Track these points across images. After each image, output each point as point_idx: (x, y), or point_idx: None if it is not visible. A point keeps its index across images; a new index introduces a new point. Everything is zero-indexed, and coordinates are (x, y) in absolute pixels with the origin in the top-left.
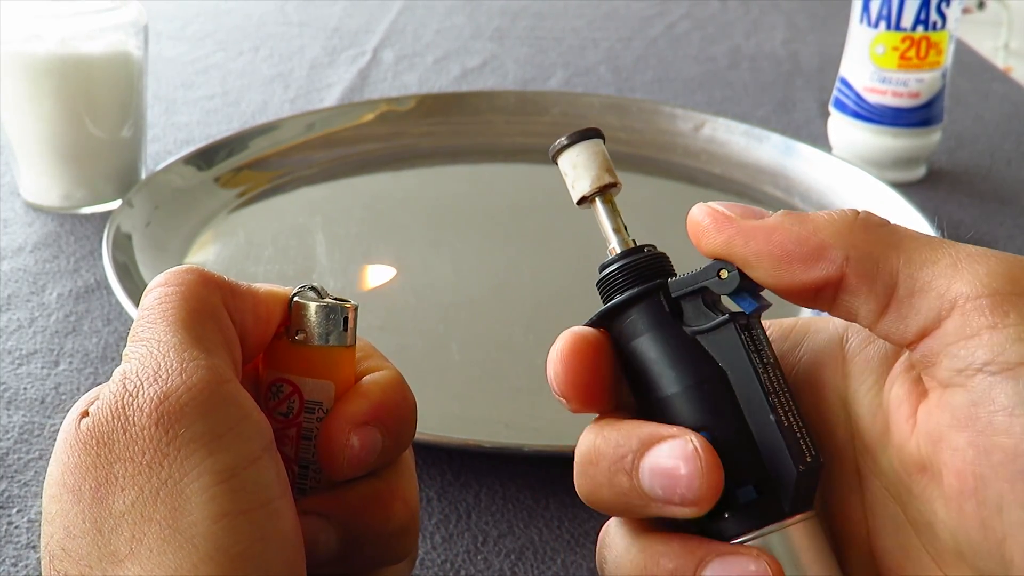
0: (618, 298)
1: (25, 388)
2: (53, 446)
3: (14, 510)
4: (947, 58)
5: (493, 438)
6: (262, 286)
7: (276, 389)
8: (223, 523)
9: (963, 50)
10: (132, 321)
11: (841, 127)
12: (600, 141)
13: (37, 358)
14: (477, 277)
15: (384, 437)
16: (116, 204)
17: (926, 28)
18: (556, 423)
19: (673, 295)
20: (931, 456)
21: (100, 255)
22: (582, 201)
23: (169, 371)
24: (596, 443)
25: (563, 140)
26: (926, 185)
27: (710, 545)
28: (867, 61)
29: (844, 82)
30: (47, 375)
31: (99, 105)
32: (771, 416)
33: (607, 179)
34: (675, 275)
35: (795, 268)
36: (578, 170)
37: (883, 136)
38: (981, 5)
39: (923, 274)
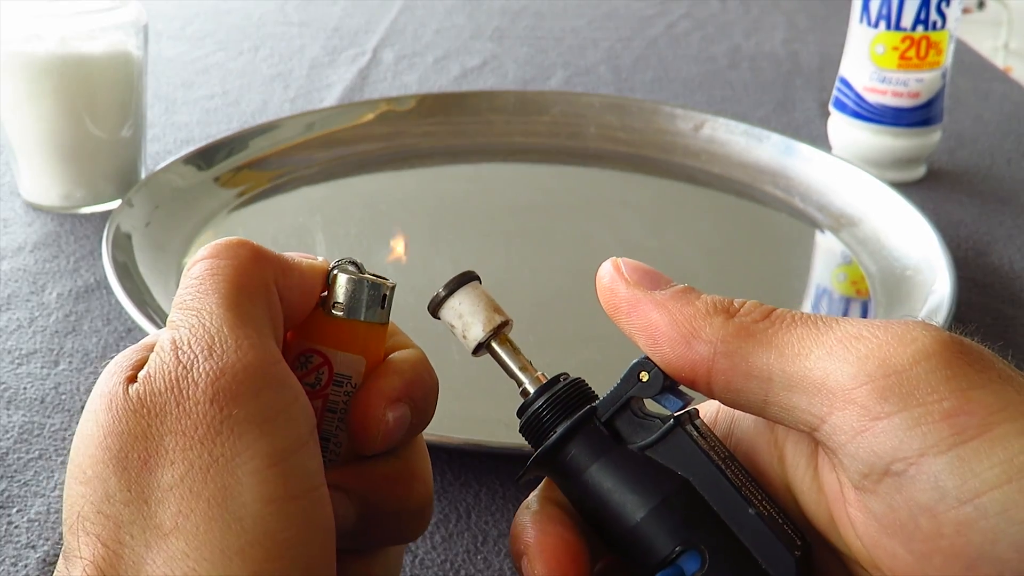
0: (553, 436)
1: (25, 388)
2: (53, 446)
3: (14, 510)
4: (947, 58)
5: (493, 438)
6: (302, 259)
7: (305, 359)
8: (273, 508)
9: (963, 50)
10: (132, 321)
11: (841, 127)
12: (478, 283)
13: (37, 358)
14: None
15: (412, 414)
16: (116, 204)
17: (926, 28)
18: None
19: (603, 419)
20: (875, 558)
21: (100, 255)
22: (479, 348)
23: (224, 347)
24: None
25: (440, 292)
26: (926, 185)
27: None
28: (867, 61)
29: (844, 82)
30: (47, 375)
31: (99, 105)
32: (750, 510)
33: (498, 319)
34: (597, 397)
35: (664, 350)
36: (465, 319)
37: (883, 136)
38: (981, 5)
39: (795, 369)
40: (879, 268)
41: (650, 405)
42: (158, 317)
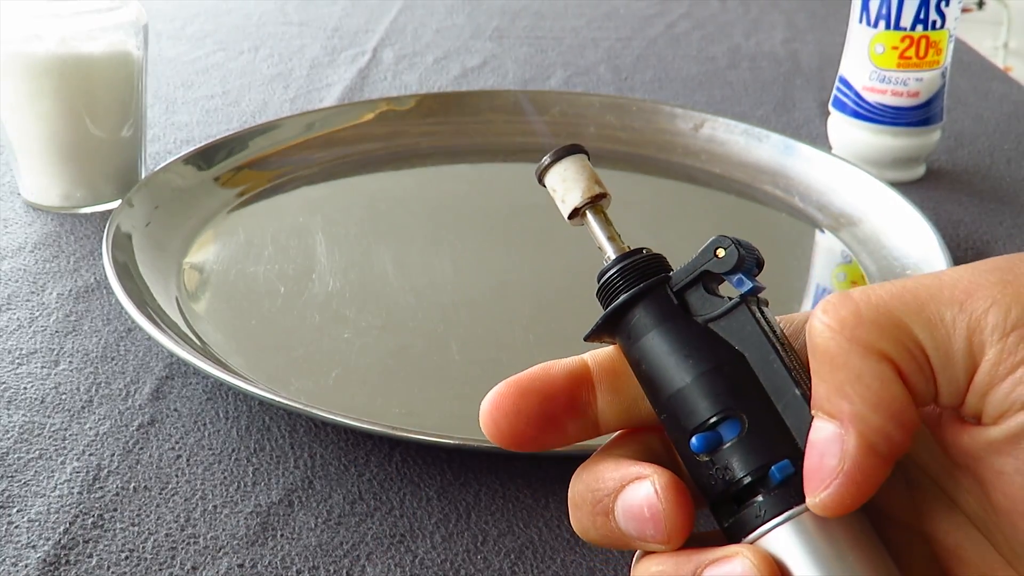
0: (622, 297)
1: (25, 388)
2: (53, 446)
3: (14, 510)
4: (946, 57)
5: None
6: None
7: None
8: None
9: (962, 49)
10: (132, 321)
11: (841, 126)
12: (585, 156)
13: (37, 358)
14: (477, 277)
15: None
16: (116, 204)
17: (925, 27)
18: None
19: (675, 288)
20: (973, 468)
21: (100, 255)
22: (574, 215)
23: None
24: (578, 487)
25: (547, 158)
26: (925, 184)
27: (701, 555)
28: (866, 60)
29: (844, 81)
30: (47, 375)
31: (99, 105)
32: (796, 391)
33: (597, 190)
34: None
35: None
36: (567, 184)
37: (882, 135)
38: (980, 4)
39: (940, 336)
40: (879, 268)
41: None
42: (158, 317)
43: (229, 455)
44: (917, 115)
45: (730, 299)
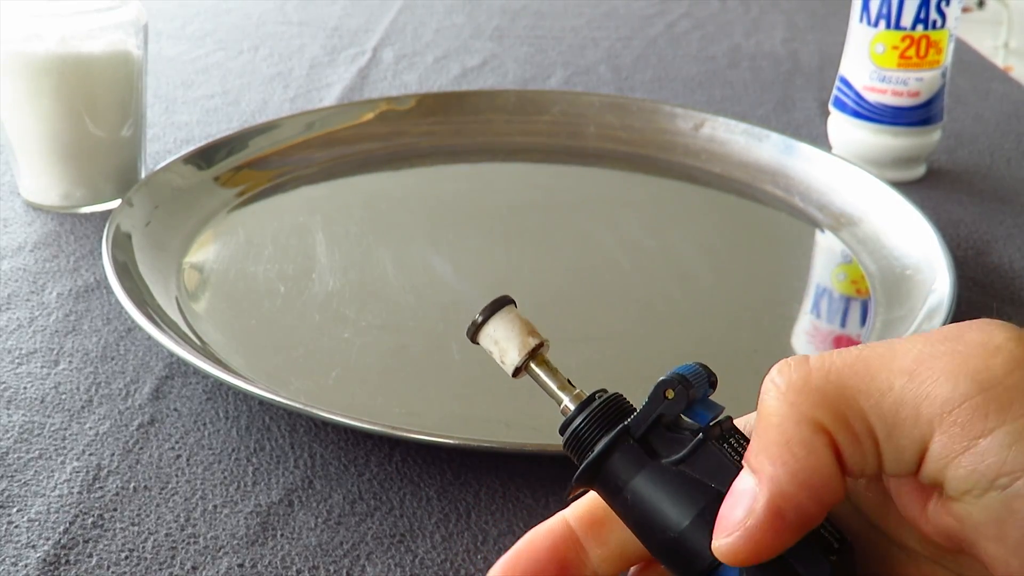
0: (589, 456)
1: (25, 387)
2: (53, 446)
3: (14, 509)
4: (947, 57)
5: (493, 438)
6: None
7: None
8: None
9: (963, 49)
10: (132, 320)
11: (841, 126)
12: (512, 307)
13: (37, 357)
14: (477, 277)
15: None
16: (116, 203)
17: (926, 27)
18: (556, 423)
19: (637, 435)
20: (966, 545)
21: (100, 254)
22: (517, 373)
23: None
24: None
25: (476, 318)
26: (926, 184)
27: None
28: (867, 60)
29: (844, 81)
30: (47, 374)
31: (99, 104)
32: None
33: (532, 342)
34: (634, 410)
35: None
36: (501, 344)
37: (883, 135)
38: (981, 4)
39: (887, 405)
40: (879, 267)
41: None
42: (158, 317)
43: (229, 455)
44: (917, 115)
45: (692, 434)
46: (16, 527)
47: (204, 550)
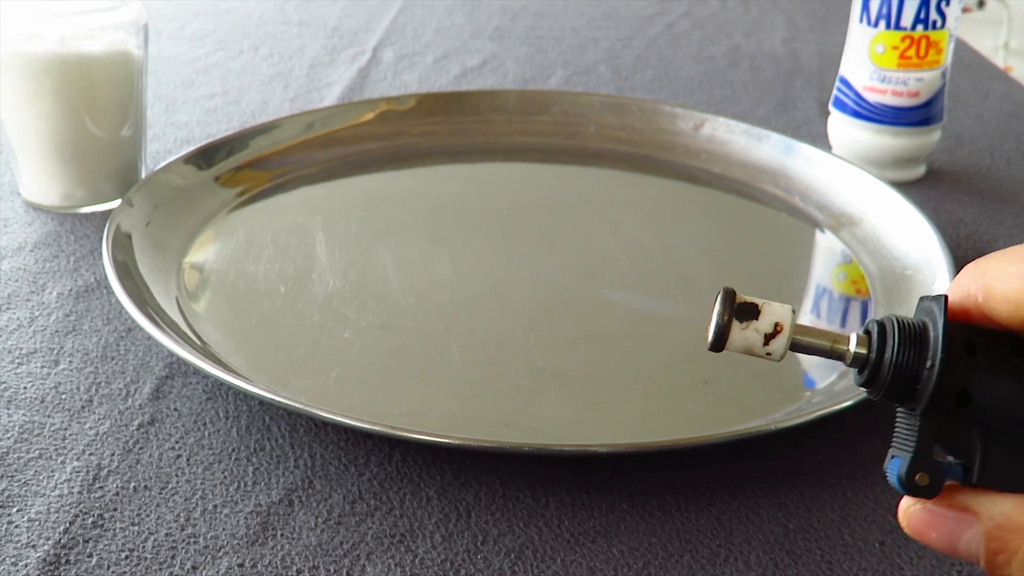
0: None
1: (25, 387)
2: (53, 446)
3: (14, 509)
4: (947, 57)
5: (493, 438)
6: None
7: None
8: None
9: (963, 49)
10: (132, 320)
11: (841, 126)
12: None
13: (37, 357)
14: (477, 277)
15: None
16: (116, 203)
17: (926, 27)
18: (556, 423)
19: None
20: None
21: (100, 254)
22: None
23: None
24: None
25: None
26: (926, 184)
27: None
28: (867, 60)
29: (844, 81)
30: (47, 374)
31: (99, 104)
32: None
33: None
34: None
35: None
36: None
37: (883, 135)
38: (981, 4)
39: None
40: (879, 267)
41: None
42: (158, 317)
43: (229, 455)
44: (917, 115)
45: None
46: (16, 527)
47: (204, 550)
